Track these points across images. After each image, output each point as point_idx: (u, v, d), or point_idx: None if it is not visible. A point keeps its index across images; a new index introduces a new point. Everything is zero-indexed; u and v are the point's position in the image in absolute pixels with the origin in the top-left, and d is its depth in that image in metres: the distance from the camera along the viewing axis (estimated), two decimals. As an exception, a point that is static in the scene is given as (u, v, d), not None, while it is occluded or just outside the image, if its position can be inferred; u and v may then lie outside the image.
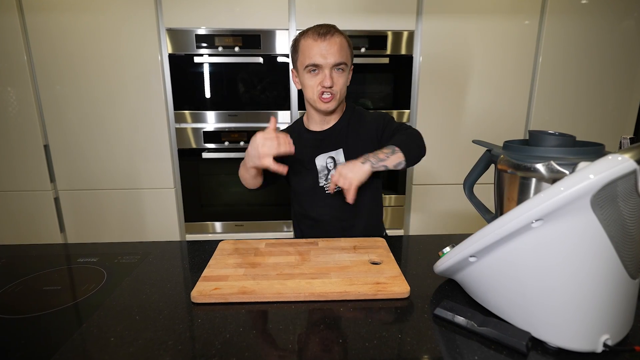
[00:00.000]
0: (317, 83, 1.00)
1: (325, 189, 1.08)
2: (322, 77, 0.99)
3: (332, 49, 0.97)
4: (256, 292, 0.69)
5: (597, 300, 0.52)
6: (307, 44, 0.99)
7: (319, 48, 0.97)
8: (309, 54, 0.98)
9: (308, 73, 1.00)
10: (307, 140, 1.10)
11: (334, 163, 1.07)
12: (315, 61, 0.98)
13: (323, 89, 0.99)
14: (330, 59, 0.97)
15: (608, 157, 0.48)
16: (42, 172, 1.76)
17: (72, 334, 0.60)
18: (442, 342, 0.58)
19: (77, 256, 0.89)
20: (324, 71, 0.98)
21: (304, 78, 1.02)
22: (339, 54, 0.98)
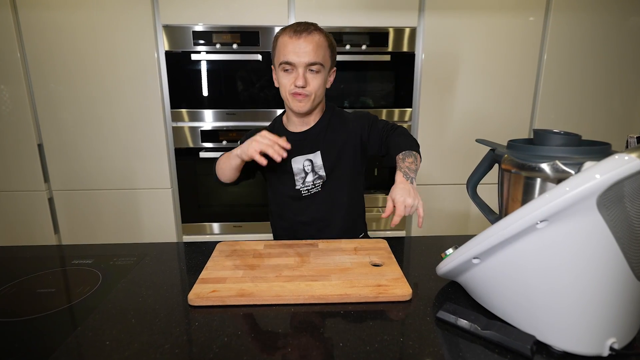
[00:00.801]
0: (291, 82, 0.99)
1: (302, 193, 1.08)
2: (295, 76, 0.97)
3: (307, 48, 0.95)
4: (255, 295, 0.69)
5: (603, 302, 0.52)
6: (282, 41, 0.98)
7: (293, 46, 0.96)
8: (283, 51, 0.97)
9: (282, 71, 0.99)
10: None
11: (311, 166, 1.07)
12: (288, 59, 0.96)
13: (295, 88, 0.98)
14: (304, 58, 0.95)
15: (614, 157, 0.48)
16: (36, 171, 1.76)
17: (66, 337, 0.60)
18: (445, 345, 0.58)
19: (71, 258, 0.89)
20: (298, 70, 0.97)
21: (278, 76, 1.02)
22: (314, 54, 0.96)
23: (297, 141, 1.07)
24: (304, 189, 1.08)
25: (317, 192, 1.08)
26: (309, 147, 1.07)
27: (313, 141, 1.07)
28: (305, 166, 1.07)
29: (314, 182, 1.07)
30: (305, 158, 1.07)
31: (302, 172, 1.07)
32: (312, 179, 1.07)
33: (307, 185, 1.07)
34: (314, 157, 1.07)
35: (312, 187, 1.08)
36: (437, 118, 1.84)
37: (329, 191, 1.08)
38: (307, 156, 1.07)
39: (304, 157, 1.07)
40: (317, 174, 1.07)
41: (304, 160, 1.07)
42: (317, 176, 1.07)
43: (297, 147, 1.07)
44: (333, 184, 1.08)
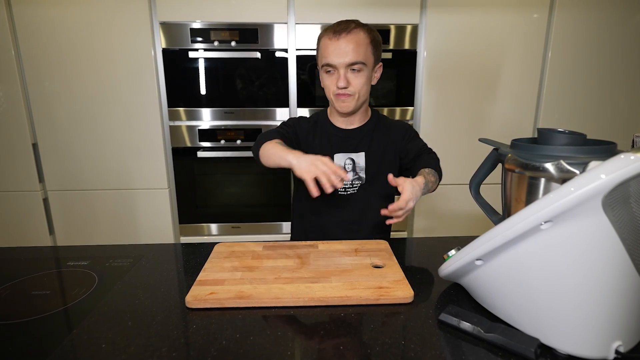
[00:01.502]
0: (333, 83, 1.00)
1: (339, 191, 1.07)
2: (337, 77, 0.98)
3: (347, 48, 0.96)
4: (253, 297, 0.69)
5: (608, 305, 0.52)
6: (324, 43, 0.99)
7: (333, 47, 0.96)
8: (324, 53, 0.98)
9: (325, 73, 1.01)
10: (330, 134, 1.09)
11: (352, 165, 1.07)
12: (329, 61, 0.97)
13: (338, 89, 0.99)
14: (345, 59, 0.96)
15: (620, 156, 0.48)
16: (30, 171, 1.76)
17: (61, 340, 0.60)
18: (447, 349, 0.58)
19: (66, 259, 0.89)
20: (339, 71, 0.98)
21: (322, 77, 1.03)
22: (354, 53, 0.96)
23: (341, 137, 1.08)
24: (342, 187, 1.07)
25: (353, 194, 1.08)
26: (353, 146, 1.08)
27: (358, 141, 1.08)
28: (346, 164, 1.07)
29: (352, 183, 1.08)
30: (348, 156, 1.07)
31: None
32: (351, 178, 1.08)
33: (345, 184, 1.07)
34: (357, 157, 1.08)
35: (350, 186, 1.08)
36: (439, 117, 1.84)
37: (364, 194, 1.09)
38: (350, 155, 1.07)
39: (346, 155, 1.07)
40: (357, 174, 1.08)
41: (346, 159, 1.07)
42: (356, 177, 1.08)
43: (340, 143, 1.08)
44: (370, 188, 1.09)
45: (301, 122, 1.11)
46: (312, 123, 1.11)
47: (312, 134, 1.10)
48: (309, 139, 1.09)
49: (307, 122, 1.12)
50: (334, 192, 1.07)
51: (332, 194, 1.07)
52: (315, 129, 1.10)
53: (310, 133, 1.10)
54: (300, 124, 1.11)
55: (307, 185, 0.82)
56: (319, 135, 1.10)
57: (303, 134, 1.09)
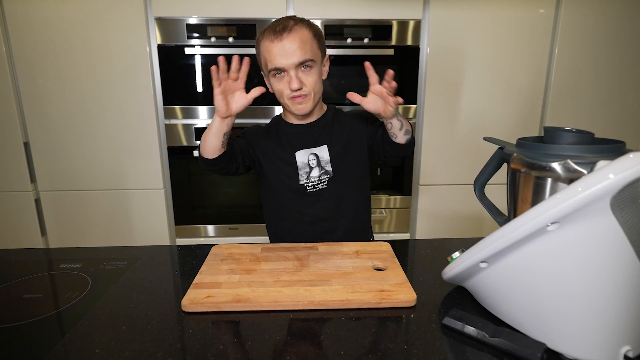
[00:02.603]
0: (285, 86, 0.98)
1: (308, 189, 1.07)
2: (289, 79, 0.96)
3: (292, 47, 0.93)
4: (252, 301, 0.69)
5: (617, 308, 0.52)
6: (265, 46, 0.96)
7: (278, 49, 0.94)
8: (269, 57, 0.96)
9: (273, 77, 0.99)
10: (287, 133, 1.09)
11: (316, 160, 1.06)
12: (276, 64, 0.95)
13: (292, 92, 0.98)
14: (293, 59, 0.94)
15: (629, 156, 0.48)
16: (21, 171, 1.76)
17: (54, 345, 0.60)
18: (451, 353, 0.58)
19: (59, 262, 0.89)
20: (289, 73, 0.96)
21: (271, 82, 1.01)
22: (301, 52, 0.94)
23: (299, 133, 1.08)
24: (309, 184, 1.07)
25: (323, 189, 1.07)
26: (313, 140, 1.07)
27: (318, 134, 1.07)
28: (310, 160, 1.06)
29: (320, 178, 1.07)
30: (310, 152, 1.06)
31: (307, 167, 1.06)
32: (317, 174, 1.06)
33: (312, 181, 1.07)
34: (319, 151, 1.06)
35: (318, 182, 1.07)
36: (443, 115, 1.84)
37: (335, 188, 1.08)
38: (312, 150, 1.07)
39: (308, 150, 1.06)
40: (324, 169, 1.06)
41: (309, 154, 1.06)
42: (323, 171, 1.06)
43: (300, 139, 1.07)
44: (340, 181, 1.08)
45: (252, 130, 1.12)
46: (265, 128, 1.12)
47: (266, 137, 1.10)
48: (265, 142, 1.09)
49: (260, 128, 1.13)
50: (303, 192, 1.07)
51: (301, 194, 1.07)
52: (269, 132, 1.10)
53: (264, 137, 1.10)
54: (250, 132, 1.11)
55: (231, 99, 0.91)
56: (274, 136, 1.09)
57: (256, 139, 1.09)
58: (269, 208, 1.17)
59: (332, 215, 1.09)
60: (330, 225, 1.09)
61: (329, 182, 1.07)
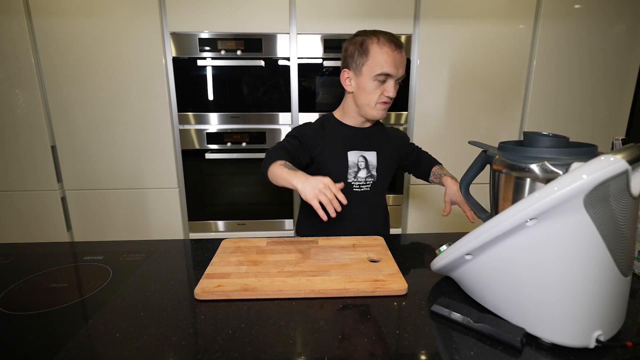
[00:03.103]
0: (381, 92, 0.98)
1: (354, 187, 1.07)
2: (388, 87, 0.97)
3: (403, 61, 0.97)
4: (258, 289, 0.69)
5: (590, 297, 0.52)
6: (383, 52, 0.94)
7: (393, 59, 0.94)
8: (383, 62, 0.94)
9: (375, 80, 0.96)
10: (342, 132, 1.07)
11: (365, 163, 1.06)
12: (388, 71, 0.95)
13: (386, 98, 0.98)
14: (401, 71, 0.97)
15: (601, 158, 0.48)
16: (49, 172, 1.76)
17: (78, 330, 0.60)
18: (439, 338, 0.58)
19: (83, 254, 0.89)
20: (390, 82, 0.96)
21: (366, 83, 0.97)
22: (404, 68, 0.98)
23: (353, 135, 1.07)
24: (356, 183, 1.07)
25: (366, 190, 1.08)
26: (365, 144, 1.07)
27: (370, 140, 1.08)
28: (359, 161, 1.06)
29: (366, 180, 1.07)
30: (360, 154, 1.06)
31: (356, 167, 1.06)
32: (364, 175, 1.07)
33: (359, 181, 1.07)
34: (369, 155, 1.07)
35: (364, 183, 1.07)
36: (431, 121, 1.84)
37: (376, 192, 1.09)
38: (362, 152, 1.07)
39: (359, 152, 1.06)
40: (370, 172, 1.07)
41: (359, 156, 1.06)
42: (369, 174, 1.07)
43: (353, 141, 1.07)
44: (380, 186, 1.10)
45: (306, 129, 1.07)
46: (318, 126, 1.07)
47: (320, 136, 1.06)
48: (318, 141, 1.05)
49: (313, 127, 1.08)
50: (349, 190, 1.07)
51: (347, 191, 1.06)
52: (323, 131, 1.07)
53: (318, 136, 1.06)
54: (305, 131, 1.06)
55: (316, 210, 0.81)
56: (329, 135, 1.06)
57: (310, 140, 1.05)
58: None
59: (368, 214, 1.10)
60: (365, 224, 1.09)
61: (372, 185, 1.08)
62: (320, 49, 1.71)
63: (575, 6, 1.73)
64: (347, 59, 1.00)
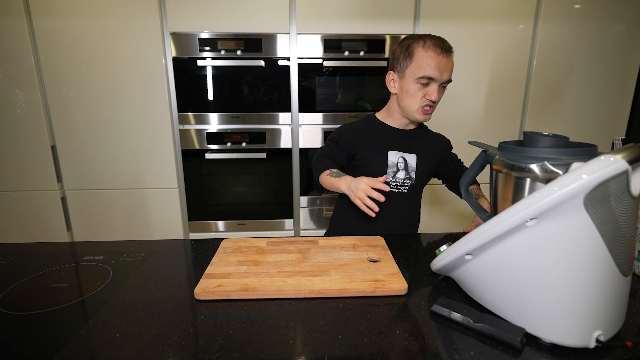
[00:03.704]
0: (423, 95, 0.97)
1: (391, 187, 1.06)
2: (431, 91, 0.97)
3: (448, 66, 0.96)
4: (258, 289, 0.69)
5: (590, 297, 0.52)
6: (427, 55, 0.94)
7: (439, 63, 0.94)
8: (426, 65, 0.94)
9: (417, 83, 0.97)
10: (384, 132, 1.08)
11: (404, 164, 1.06)
12: (432, 74, 0.94)
13: (429, 102, 0.98)
14: (445, 76, 0.96)
15: (601, 158, 0.48)
16: (49, 172, 1.76)
17: (78, 330, 0.60)
18: (439, 338, 0.58)
19: (83, 254, 0.89)
20: (434, 85, 0.96)
21: (409, 86, 0.98)
22: (450, 73, 0.97)
23: (395, 136, 1.07)
24: (394, 183, 1.07)
25: (403, 192, 1.08)
26: (406, 146, 1.07)
27: (411, 143, 1.08)
28: (398, 162, 1.06)
29: (404, 181, 1.07)
30: (401, 155, 1.06)
31: (395, 167, 1.06)
32: (403, 176, 1.07)
33: (397, 181, 1.06)
34: (409, 157, 1.07)
35: (401, 185, 1.07)
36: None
37: (412, 194, 1.09)
38: (402, 154, 1.06)
39: (399, 153, 1.06)
40: (409, 174, 1.07)
41: (399, 157, 1.06)
42: (407, 176, 1.07)
43: (394, 141, 1.07)
44: (417, 189, 1.10)
45: (347, 131, 1.08)
46: (360, 126, 1.09)
47: (362, 136, 1.07)
48: (360, 142, 1.06)
49: (354, 128, 1.09)
50: None
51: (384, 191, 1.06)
52: (366, 131, 1.08)
53: (360, 136, 1.07)
54: (346, 133, 1.08)
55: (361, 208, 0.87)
56: (371, 135, 1.07)
57: (351, 142, 1.06)
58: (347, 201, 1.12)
59: (404, 216, 1.10)
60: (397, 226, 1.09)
61: (410, 187, 1.08)
62: (320, 49, 1.71)
63: (575, 6, 1.73)
64: (393, 61, 1.02)
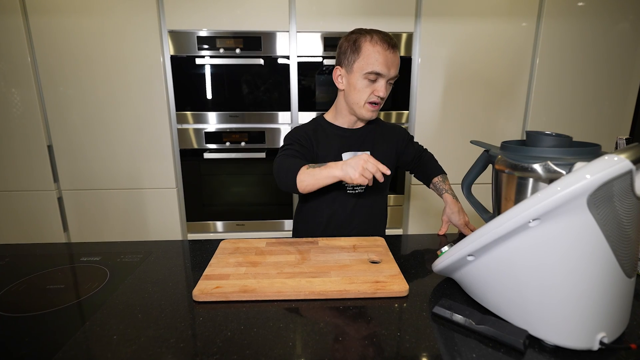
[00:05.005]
0: (371, 91, 0.97)
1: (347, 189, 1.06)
2: (378, 87, 0.96)
3: (395, 61, 0.96)
4: (257, 291, 0.69)
5: (593, 298, 0.52)
6: (374, 50, 0.94)
7: (385, 58, 0.94)
8: (374, 60, 0.94)
9: (365, 79, 0.96)
10: (335, 135, 1.07)
11: None
12: (379, 70, 0.94)
13: (375, 98, 0.98)
14: (393, 72, 0.96)
15: (604, 158, 0.48)
16: (45, 172, 1.76)
17: (75, 332, 0.60)
18: (441, 340, 0.58)
19: (80, 255, 0.89)
20: (381, 81, 0.96)
21: (356, 81, 0.97)
22: (397, 69, 0.97)
23: (346, 137, 1.07)
24: (349, 185, 1.06)
25: (360, 192, 1.07)
26: (359, 145, 1.07)
27: (363, 140, 1.08)
28: None
29: None
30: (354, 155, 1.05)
31: None
32: None
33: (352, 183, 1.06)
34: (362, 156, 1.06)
35: (358, 185, 1.07)
36: (433, 120, 1.84)
37: (371, 193, 1.09)
38: (357, 153, 1.06)
39: (353, 153, 1.06)
40: None
41: None
42: None
43: (346, 142, 1.07)
44: (376, 187, 1.09)
45: (304, 132, 1.06)
46: (312, 130, 1.08)
47: (315, 139, 1.07)
48: (315, 144, 1.06)
49: (307, 130, 1.07)
50: (344, 191, 1.07)
51: (341, 193, 1.07)
52: (316, 134, 1.07)
53: (314, 139, 1.07)
54: (304, 135, 1.06)
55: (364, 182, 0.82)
56: (322, 138, 1.07)
57: (310, 142, 1.06)
58: (307, 204, 1.13)
59: (366, 217, 1.09)
60: (362, 227, 1.09)
61: (367, 187, 1.08)
62: (320, 47, 1.71)
63: (579, 4, 1.73)
64: (340, 55, 1.01)
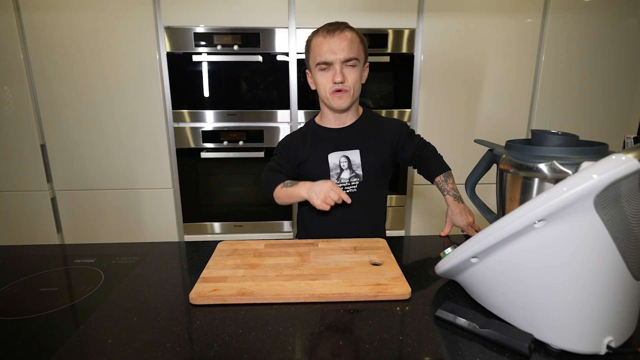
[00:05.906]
0: (329, 80, 1.00)
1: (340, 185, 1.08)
2: (333, 73, 0.99)
3: (341, 44, 0.97)
4: (255, 294, 0.69)
5: (600, 301, 0.52)
6: (317, 42, 1.00)
7: (328, 45, 0.97)
8: (319, 51, 0.99)
9: (320, 71, 1.01)
10: (321, 136, 1.10)
11: (347, 163, 1.07)
12: (325, 58, 0.98)
13: (335, 85, 0.99)
14: (340, 55, 0.97)
15: (612, 157, 0.48)
16: (38, 172, 1.76)
17: (69, 336, 0.60)
18: (444, 344, 0.58)
19: (74, 257, 0.89)
20: (335, 67, 0.99)
21: (316, 77, 1.03)
22: (348, 49, 0.98)
23: (333, 137, 1.08)
24: (340, 185, 1.07)
25: (353, 192, 1.07)
26: (347, 144, 1.07)
27: (351, 139, 1.08)
28: (341, 162, 1.07)
29: (350, 181, 1.07)
30: (342, 154, 1.07)
31: (338, 168, 1.06)
32: (348, 176, 1.06)
33: (342, 182, 1.07)
34: (351, 154, 1.07)
35: (348, 184, 1.07)
36: (436, 118, 1.84)
37: (364, 192, 1.08)
38: (344, 152, 1.07)
39: (340, 153, 1.07)
40: (354, 172, 1.07)
41: (340, 157, 1.07)
42: (353, 174, 1.07)
43: (333, 142, 1.08)
44: (369, 185, 1.08)
45: (289, 141, 1.12)
46: (300, 134, 1.12)
47: (302, 143, 1.10)
48: (301, 149, 1.09)
49: (295, 136, 1.13)
50: None
51: None
52: (304, 138, 1.11)
53: (300, 143, 1.10)
54: (288, 144, 1.12)
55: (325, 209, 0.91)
56: (310, 141, 1.10)
57: (295, 150, 1.10)
58: (303, 206, 1.16)
59: (361, 217, 1.09)
60: (358, 227, 1.09)
61: (359, 186, 1.07)
62: (320, 43, 1.71)
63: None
64: (305, 60, 1.08)
